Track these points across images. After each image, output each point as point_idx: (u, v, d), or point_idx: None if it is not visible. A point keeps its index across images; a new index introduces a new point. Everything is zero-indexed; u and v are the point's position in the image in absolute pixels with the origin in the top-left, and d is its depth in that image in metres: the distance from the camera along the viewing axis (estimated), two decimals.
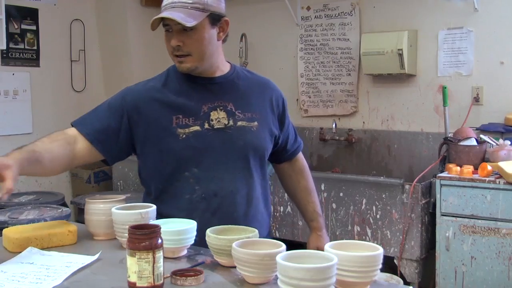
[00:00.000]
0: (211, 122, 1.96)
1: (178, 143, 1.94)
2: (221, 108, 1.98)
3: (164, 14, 1.86)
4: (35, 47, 4.84)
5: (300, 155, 2.36)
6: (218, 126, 1.96)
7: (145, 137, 2.00)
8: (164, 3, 1.92)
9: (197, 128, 1.94)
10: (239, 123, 1.99)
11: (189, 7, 1.85)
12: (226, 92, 2.02)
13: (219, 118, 1.97)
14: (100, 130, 1.99)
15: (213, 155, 1.96)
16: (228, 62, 2.11)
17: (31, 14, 4.80)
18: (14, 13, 4.67)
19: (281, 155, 2.27)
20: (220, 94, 2.01)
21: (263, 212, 2.14)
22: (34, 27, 4.82)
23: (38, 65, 4.88)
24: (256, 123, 2.02)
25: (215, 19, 1.93)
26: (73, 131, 2.00)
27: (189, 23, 1.84)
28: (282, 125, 2.17)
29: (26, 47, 4.78)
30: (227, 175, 1.98)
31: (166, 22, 1.89)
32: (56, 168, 1.93)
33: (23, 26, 4.75)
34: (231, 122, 1.98)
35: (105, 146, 2.00)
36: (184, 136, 1.94)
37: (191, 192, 1.98)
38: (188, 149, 1.94)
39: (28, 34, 4.79)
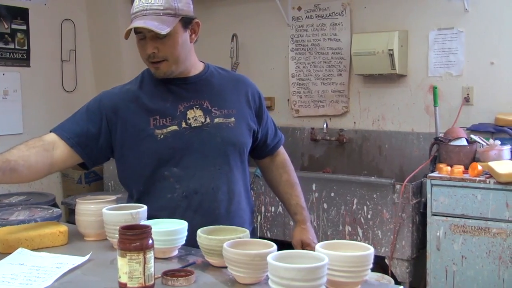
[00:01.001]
0: (188, 121, 1.98)
1: (157, 143, 1.96)
2: (197, 106, 2.00)
3: (138, 23, 1.87)
4: (25, 47, 4.82)
5: (282, 150, 2.35)
6: (195, 125, 1.98)
7: (123, 140, 2.01)
8: (134, 10, 1.92)
9: (174, 127, 1.96)
10: (216, 120, 2.01)
11: (161, 14, 1.87)
12: (201, 90, 2.04)
13: (195, 116, 1.98)
14: (80, 134, 2.01)
15: (192, 154, 1.97)
16: (202, 62, 2.14)
17: (21, 14, 4.78)
18: (4, 13, 4.65)
19: (261, 150, 2.27)
20: (195, 93, 2.03)
21: (245, 208, 2.14)
22: (24, 27, 4.80)
23: (28, 65, 4.86)
24: (233, 119, 2.04)
25: (187, 22, 1.95)
26: (51, 137, 2.01)
27: (164, 30, 1.85)
28: (260, 120, 2.17)
29: (17, 47, 4.76)
30: (207, 173, 1.99)
31: (138, 30, 1.91)
32: (33, 175, 1.94)
33: (13, 26, 4.73)
34: (208, 120, 2.00)
35: (85, 149, 2.01)
36: (162, 136, 1.96)
37: (172, 191, 1.99)
38: (166, 149, 1.96)
39: (19, 34, 4.77)
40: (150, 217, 1.93)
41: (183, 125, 1.97)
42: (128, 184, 2.12)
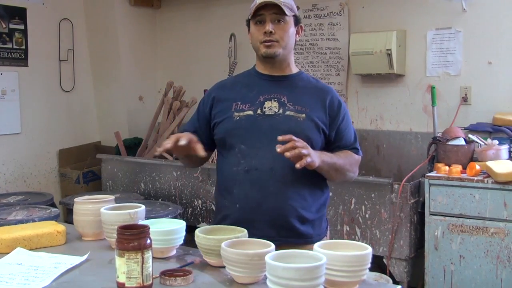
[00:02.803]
0: (263, 109, 2.22)
1: (232, 123, 2.22)
2: (275, 99, 2.24)
3: (270, 0, 2.15)
4: (23, 47, 4.82)
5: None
6: (269, 113, 2.21)
7: (215, 122, 2.29)
8: (258, 0, 2.18)
9: (250, 112, 2.22)
10: (288, 112, 2.21)
11: (282, 4, 2.17)
12: (284, 88, 2.28)
13: (271, 107, 2.22)
14: (194, 131, 2.33)
15: (259, 135, 2.19)
16: (299, 69, 2.40)
17: (19, 14, 4.78)
18: (2, 13, 4.65)
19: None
20: (278, 89, 2.27)
21: (306, 196, 2.22)
22: (22, 27, 4.80)
23: (26, 65, 4.85)
24: (303, 115, 2.21)
25: (296, 21, 2.29)
26: None
27: (288, 12, 2.18)
28: (334, 125, 2.29)
29: (14, 46, 4.75)
30: (269, 154, 2.15)
31: (260, 13, 2.19)
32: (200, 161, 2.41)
33: (11, 26, 4.73)
34: (280, 111, 2.22)
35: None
36: (238, 118, 2.22)
37: (237, 165, 2.21)
38: (238, 128, 2.21)
39: (16, 34, 4.77)
40: (219, 185, 2.30)
41: (258, 111, 2.22)
42: (218, 157, 2.38)
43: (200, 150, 2.12)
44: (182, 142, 2.05)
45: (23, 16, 4.81)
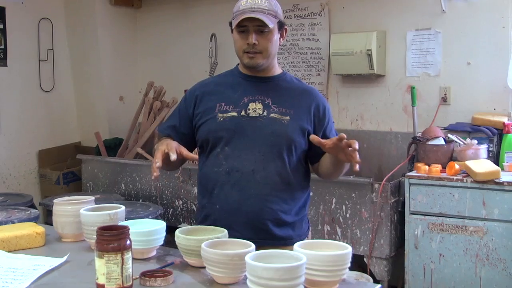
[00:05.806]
0: (248, 111, 2.23)
1: (216, 124, 2.22)
2: (259, 101, 2.25)
3: (252, 15, 2.16)
4: (2, 46, 4.77)
5: None
6: (253, 115, 2.22)
7: (198, 122, 2.29)
8: (241, 8, 2.20)
9: (234, 114, 2.22)
10: (272, 114, 2.23)
11: (266, 13, 2.18)
12: (268, 90, 2.29)
13: (255, 108, 2.23)
14: (176, 129, 2.34)
15: (243, 137, 2.20)
16: (282, 70, 2.40)
17: None
18: None
19: (317, 155, 2.32)
20: (262, 91, 2.28)
21: (287, 199, 2.23)
22: (1, 26, 4.75)
23: (5, 65, 4.80)
24: (288, 117, 2.23)
25: (280, 26, 2.28)
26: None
27: (270, 24, 2.18)
28: (320, 128, 2.30)
29: None
30: (251, 156, 2.19)
31: (244, 24, 2.19)
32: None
33: None
34: (265, 113, 2.22)
35: (178, 138, 2.30)
36: (222, 119, 2.22)
37: (218, 166, 2.22)
38: (222, 130, 2.21)
39: None
40: (200, 185, 2.30)
41: (242, 113, 2.22)
42: (199, 157, 2.38)
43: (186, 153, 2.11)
44: (173, 157, 2.01)
45: (2, 15, 4.75)
